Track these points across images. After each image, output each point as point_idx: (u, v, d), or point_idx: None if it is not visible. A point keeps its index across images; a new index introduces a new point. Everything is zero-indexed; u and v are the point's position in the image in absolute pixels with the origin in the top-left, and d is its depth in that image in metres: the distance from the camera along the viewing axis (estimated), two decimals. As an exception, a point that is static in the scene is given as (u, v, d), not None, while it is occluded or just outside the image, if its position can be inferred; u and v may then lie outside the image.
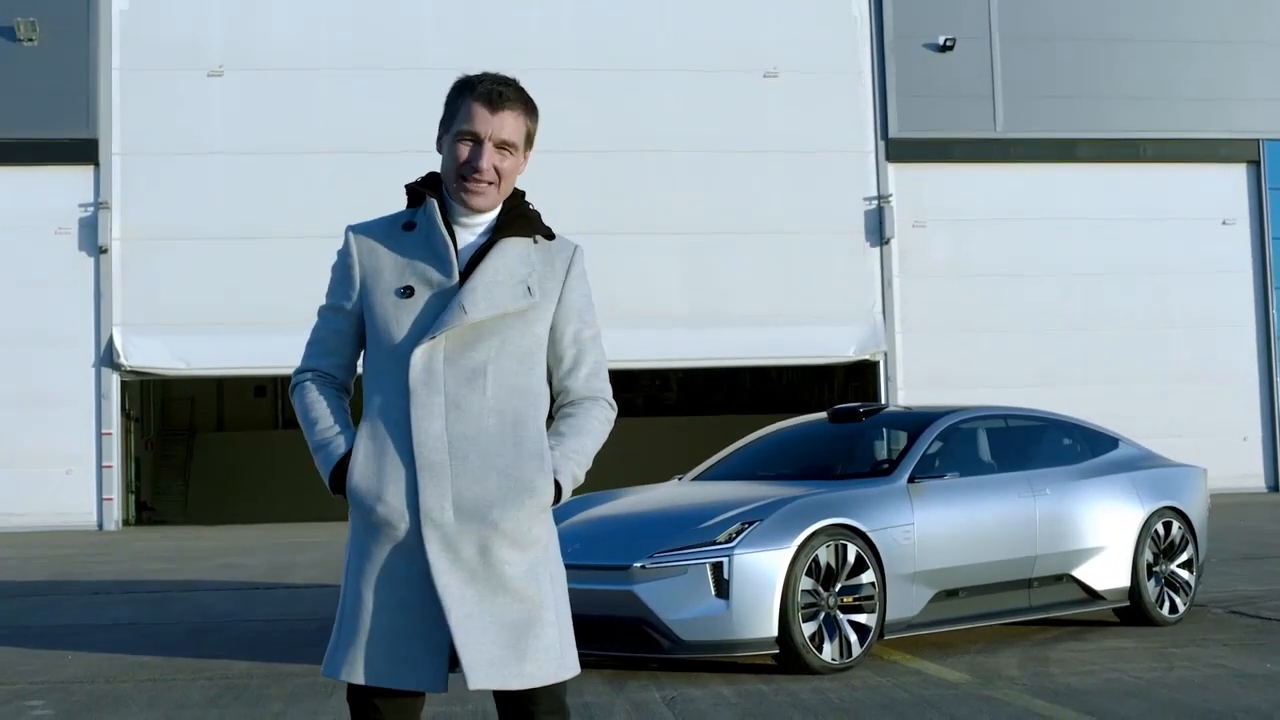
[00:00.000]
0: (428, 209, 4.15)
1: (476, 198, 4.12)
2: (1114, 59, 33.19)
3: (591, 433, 4.27)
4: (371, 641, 4.02)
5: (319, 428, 4.19)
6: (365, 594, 4.06)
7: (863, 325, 32.02)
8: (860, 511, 9.92)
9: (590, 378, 4.28)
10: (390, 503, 4.00)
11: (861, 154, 32.34)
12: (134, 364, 29.86)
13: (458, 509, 3.97)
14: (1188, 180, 33.37)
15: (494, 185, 4.12)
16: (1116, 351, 32.80)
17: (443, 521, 3.97)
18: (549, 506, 4.12)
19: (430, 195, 4.16)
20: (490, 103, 4.13)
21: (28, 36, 29.68)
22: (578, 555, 9.81)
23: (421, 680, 4.02)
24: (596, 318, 4.32)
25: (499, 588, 4.01)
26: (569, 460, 4.18)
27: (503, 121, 4.12)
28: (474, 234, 4.17)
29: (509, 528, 4.02)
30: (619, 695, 8.93)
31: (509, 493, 4.01)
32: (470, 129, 4.11)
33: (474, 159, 4.09)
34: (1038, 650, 10.54)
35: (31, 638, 12.21)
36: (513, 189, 4.24)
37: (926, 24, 32.48)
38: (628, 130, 31.35)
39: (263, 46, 30.69)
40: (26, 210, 29.88)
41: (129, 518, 31.68)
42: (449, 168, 4.15)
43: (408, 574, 4.00)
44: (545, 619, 4.07)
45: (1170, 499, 12.02)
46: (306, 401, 4.24)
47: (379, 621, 4.02)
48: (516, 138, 4.16)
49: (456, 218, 4.17)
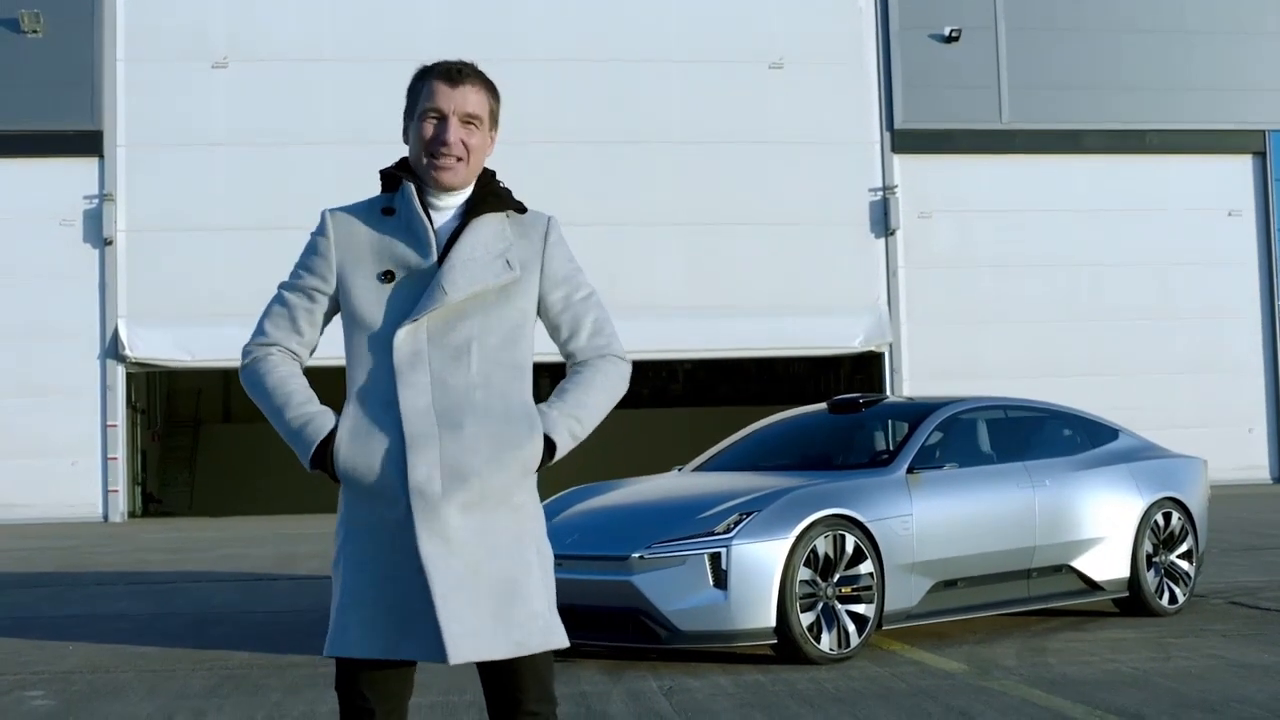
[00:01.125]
0: (405, 192, 4.15)
1: (446, 173, 4.12)
2: (1119, 49, 33.17)
3: (597, 387, 4.24)
4: (372, 616, 4.02)
5: (295, 403, 4.15)
6: (362, 570, 4.06)
7: (868, 316, 32.01)
8: (858, 502, 9.93)
9: (593, 336, 4.27)
10: (382, 475, 4.00)
11: (866, 145, 32.33)
12: (139, 355, 29.92)
13: (446, 479, 3.97)
14: (1193, 171, 33.35)
15: (463, 161, 4.13)
16: (1122, 343, 32.78)
17: (431, 493, 3.96)
18: (533, 470, 4.11)
19: (406, 178, 4.17)
20: (450, 79, 4.14)
21: (32, 28, 29.73)
22: (576, 546, 9.85)
23: (423, 650, 4.00)
24: (587, 278, 4.31)
25: (486, 555, 4.00)
26: (566, 417, 4.16)
27: (465, 95, 4.13)
28: (447, 215, 4.18)
29: (495, 490, 4.02)
30: (616, 685, 8.94)
31: (496, 455, 4.01)
32: (434, 105, 4.12)
33: (440, 133, 4.10)
34: (1036, 640, 10.55)
35: (34, 628, 12.24)
36: (483, 169, 4.24)
37: (932, 14, 32.46)
38: (632, 121, 31.35)
39: (267, 38, 30.72)
40: (31, 202, 29.95)
41: (135, 509, 31.72)
42: (416, 150, 4.16)
43: (401, 545, 3.99)
44: (532, 587, 4.07)
45: (1170, 490, 12.03)
46: (277, 376, 4.19)
47: (378, 596, 4.03)
48: (480, 111, 4.16)
49: (430, 200, 4.17)
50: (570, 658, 9.87)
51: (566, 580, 9.60)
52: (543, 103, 30.69)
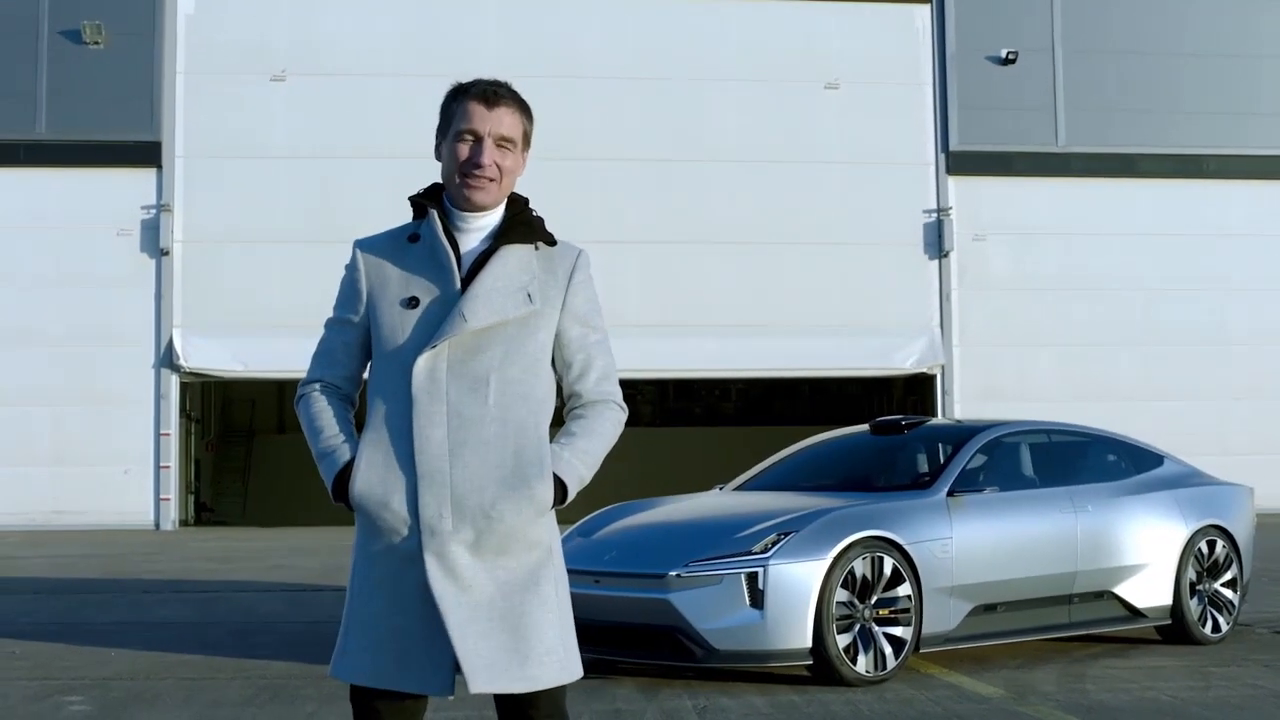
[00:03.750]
0: (430, 220, 4.20)
1: (479, 193, 4.16)
2: (1178, 73, 32.97)
3: (602, 435, 4.28)
4: (377, 644, 4.07)
5: (323, 436, 4.25)
6: (370, 598, 4.11)
7: (921, 338, 31.92)
8: (897, 524, 9.90)
9: (600, 381, 4.30)
10: (393, 509, 4.04)
11: (922, 166, 32.25)
12: (193, 365, 30.13)
13: (457, 515, 4.00)
14: (1251, 197, 33.05)
15: (495, 182, 4.17)
16: (1175, 368, 32.53)
17: (441, 529, 4.00)
18: (548, 509, 4.14)
19: (432, 206, 4.21)
20: (486, 101, 4.19)
21: (94, 39, 30.02)
22: (614, 563, 9.87)
23: (426, 684, 4.05)
24: (603, 322, 4.34)
25: (499, 592, 4.03)
26: (577, 460, 4.20)
27: (500, 118, 4.18)
28: (476, 239, 4.21)
29: (508, 532, 4.05)
30: (651, 703, 8.95)
31: (508, 498, 4.04)
32: (469, 127, 4.17)
33: (475, 155, 4.15)
34: (1076, 667, 10.49)
35: (78, 635, 12.34)
36: (516, 193, 4.28)
37: (989, 36, 32.36)
38: (688, 140, 31.38)
39: (326, 51, 30.92)
40: (90, 211, 30.20)
41: (187, 518, 31.92)
42: (450, 169, 4.21)
43: (410, 579, 4.03)
44: (547, 621, 4.08)
45: (1215, 517, 11.94)
46: (312, 411, 4.30)
47: (384, 625, 4.07)
48: (515, 134, 4.21)
49: (458, 224, 4.22)
50: (607, 675, 9.89)
51: (603, 597, 9.72)
52: (599, 120, 30.79)
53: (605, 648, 9.82)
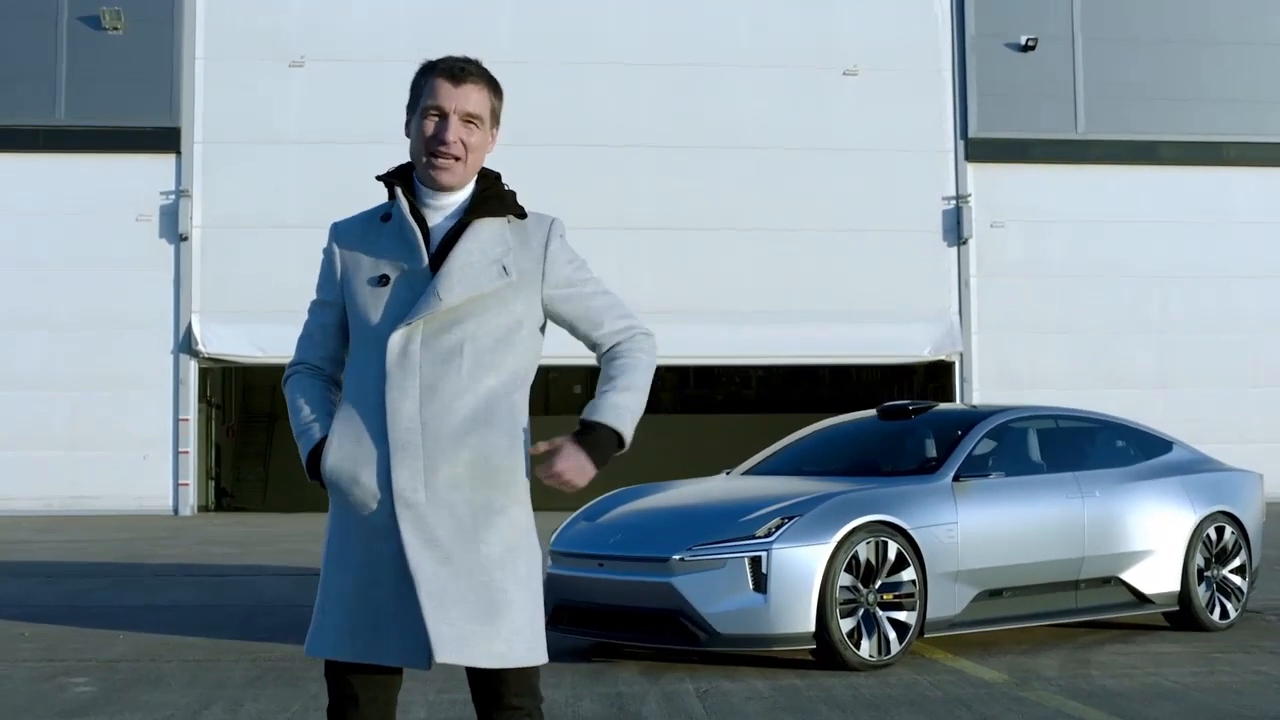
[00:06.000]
0: (398, 200, 4.20)
1: (444, 174, 4.15)
2: (1198, 60, 32.81)
3: (637, 366, 4.26)
4: (352, 619, 4.07)
5: (300, 416, 4.30)
6: (344, 573, 4.11)
7: (938, 325, 31.84)
8: (902, 509, 9.90)
9: (616, 320, 4.29)
10: (364, 484, 4.05)
11: (940, 153, 32.15)
12: (211, 351, 30.18)
13: (430, 489, 4.01)
14: (1271, 184, 32.87)
15: (460, 161, 4.16)
16: (1191, 355, 32.39)
17: (415, 501, 4.00)
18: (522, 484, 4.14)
19: (398, 185, 4.21)
20: (453, 77, 4.19)
21: (113, 25, 30.07)
22: (618, 546, 9.89)
23: (402, 656, 4.04)
24: (592, 272, 4.32)
25: (472, 567, 4.02)
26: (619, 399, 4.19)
27: (466, 94, 4.17)
28: (443, 215, 4.21)
29: (481, 506, 4.05)
30: (653, 686, 8.96)
31: (480, 472, 4.05)
32: (435, 103, 4.17)
33: (440, 132, 4.14)
34: (1081, 653, 10.48)
35: (87, 617, 12.39)
36: (486, 169, 4.28)
37: (1008, 23, 32.24)
38: (704, 125, 31.29)
39: (343, 36, 30.92)
40: (109, 197, 30.25)
41: (207, 503, 32.01)
42: (417, 147, 4.20)
43: (384, 553, 4.03)
44: (518, 600, 4.07)
45: (1224, 503, 11.90)
46: (293, 393, 4.36)
47: (358, 600, 4.07)
48: (481, 110, 4.20)
49: (427, 201, 4.21)
50: (610, 658, 9.91)
51: (607, 581, 9.76)
52: (615, 105, 30.77)
53: (609, 631, 9.85)
